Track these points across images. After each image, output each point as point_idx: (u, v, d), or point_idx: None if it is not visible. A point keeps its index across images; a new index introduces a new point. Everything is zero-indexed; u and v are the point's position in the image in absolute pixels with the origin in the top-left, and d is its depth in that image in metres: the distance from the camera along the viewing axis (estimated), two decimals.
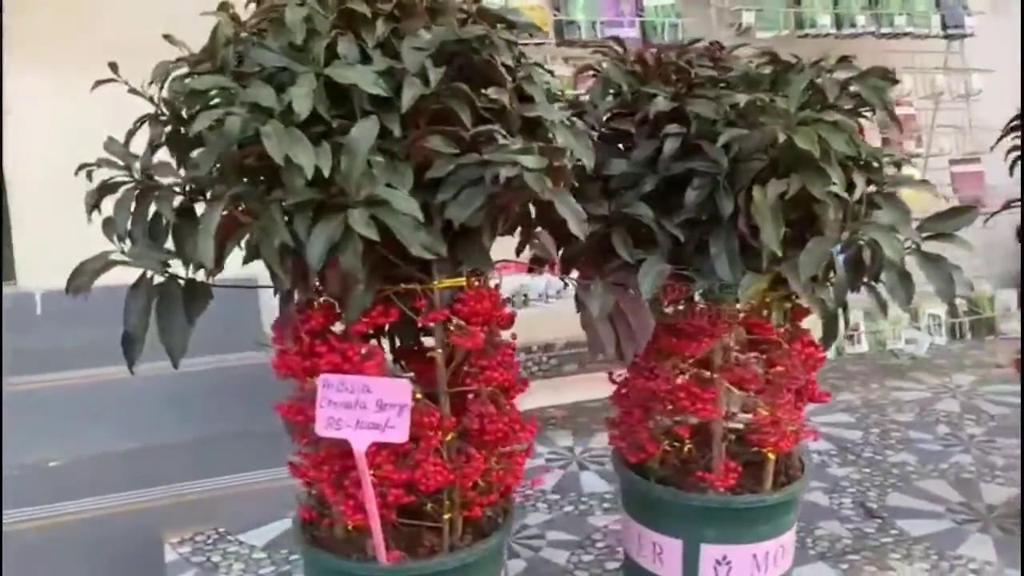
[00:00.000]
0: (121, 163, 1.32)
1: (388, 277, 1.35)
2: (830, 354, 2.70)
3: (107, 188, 1.30)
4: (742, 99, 1.44)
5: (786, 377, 1.59)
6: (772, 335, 1.58)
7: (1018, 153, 2.23)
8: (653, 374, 1.64)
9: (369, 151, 1.17)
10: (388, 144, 1.23)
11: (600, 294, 1.36)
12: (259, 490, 2.54)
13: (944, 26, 3.84)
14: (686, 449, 1.67)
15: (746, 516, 1.63)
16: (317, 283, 1.33)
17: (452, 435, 1.40)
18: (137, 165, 1.32)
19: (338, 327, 1.38)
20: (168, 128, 1.33)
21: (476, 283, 1.40)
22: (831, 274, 1.44)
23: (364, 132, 1.18)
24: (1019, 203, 2.13)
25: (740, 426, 1.68)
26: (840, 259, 1.43)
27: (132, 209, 1.31)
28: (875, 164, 1.45)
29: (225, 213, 1.23)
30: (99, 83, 1.33)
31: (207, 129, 1.18)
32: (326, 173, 1.15)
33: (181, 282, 1.34)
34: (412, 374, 1.48)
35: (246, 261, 1.32)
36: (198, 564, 2.27)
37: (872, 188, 1.47)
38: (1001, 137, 2.15)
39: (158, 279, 1.35)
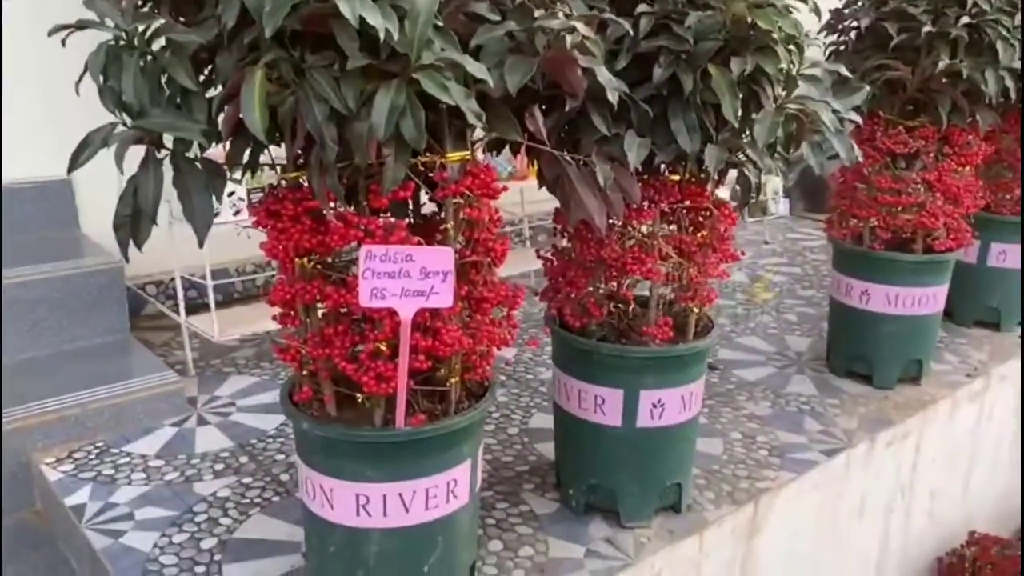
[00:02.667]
0: (110, 23, 1.21)
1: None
2: None
3: (114, 52, 1.19)
4: None
5: (717, 239, 1.81)
6: (707, 202, 1.78)
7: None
8: (599, 243, 1.79)
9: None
10: None
11: (603, 166, 1.47)
12: (127, 401, 2.40)
13: None
14: (630, 310, 1.85)
15: (678, 363, 1.86)
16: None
17: (462, 303, 1.47)
18: (133, 26, 1.22)
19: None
20: None
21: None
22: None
23: None
24: None
25: (666, 289, 1.89)
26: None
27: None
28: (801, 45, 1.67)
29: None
30: None
31: None
32: (395, 36, 1.15)
33: (191, 158, 1.27)
34: None
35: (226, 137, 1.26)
36: (89, 479, 2.14)
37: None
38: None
39: (157, 155, 1.27)
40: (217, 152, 1.70)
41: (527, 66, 1.26)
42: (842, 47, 2.72)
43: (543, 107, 1.56)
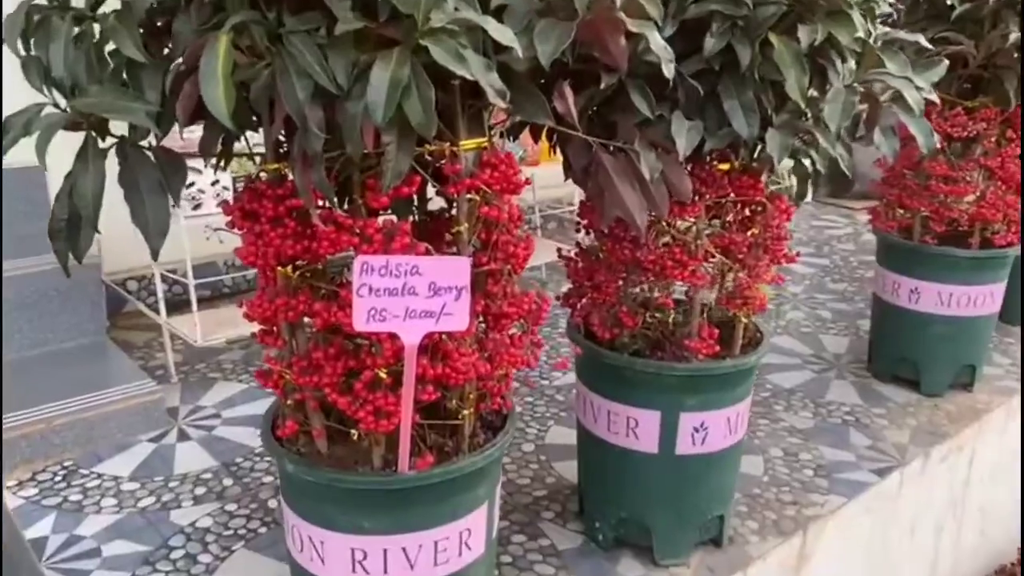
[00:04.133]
0: None
1: None
2: None
3: (39, 13, 0.93)
4: None
5: (771, 238, 1.56)
6: (760, 196, 1.53)
7: None
8: (634, 243, 1.54)
9: None
10: None
11: (648, 155, 1.22)
12: (100, 415, 2.16)
13: None
14: (671, 320, 1.60)
15: (724, 381, 1.62)
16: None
17: (478, 320, 1.22)
18: None
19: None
20: None
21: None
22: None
23: None
24: None
25: (709, 294, 1.64)
26: None
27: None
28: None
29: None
30: None
31: None
32: None
33: (144, 147, 1.01)
34: None
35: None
36: (54, 507, 1.90)
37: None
38: None
39: (100, 144, 1.02)
40: (185, 141, 1.45)
41: (563, 31, 1.01)
42: (890, 18, 2.45)
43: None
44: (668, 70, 1.10)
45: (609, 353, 1.60)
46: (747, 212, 1.59)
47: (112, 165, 1.01)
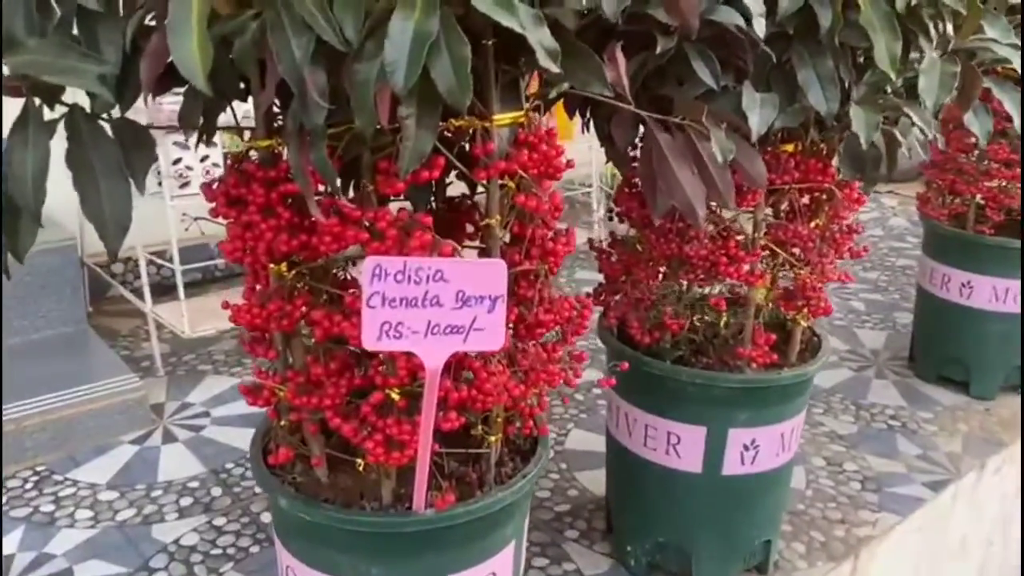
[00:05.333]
0: None
1: None
2: None
3: None
4: None
5: (839, 231, 1.36)
6: (830, 182, 1.32)
7: None
8: (681, 236, 1.34)
9: None
10: None
11: (719, 133, 1.01)
12: (77, 414, 1.96)
13: None
14: (723, 323, 1.40)
15: (780, 394, 1.42)
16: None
17: (510, 330, 1.02)
18: None
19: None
20: None
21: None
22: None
23: None
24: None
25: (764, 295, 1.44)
26: None
27: None
28: None
29: None
30: None
31: None
32: None
33: (103, 120, 0.81)
34: None
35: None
36: (23, 519, 1.71)
37: None
38: None
39: (50, 114, 0.81)
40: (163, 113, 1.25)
41: None
42: None
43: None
44: (760, 26, 0.90)
45: (650, 360, 1.40)
46: (806, 201, 1.38)
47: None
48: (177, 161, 2.11)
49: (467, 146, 1.00)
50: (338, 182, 0.89)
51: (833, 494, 1.86)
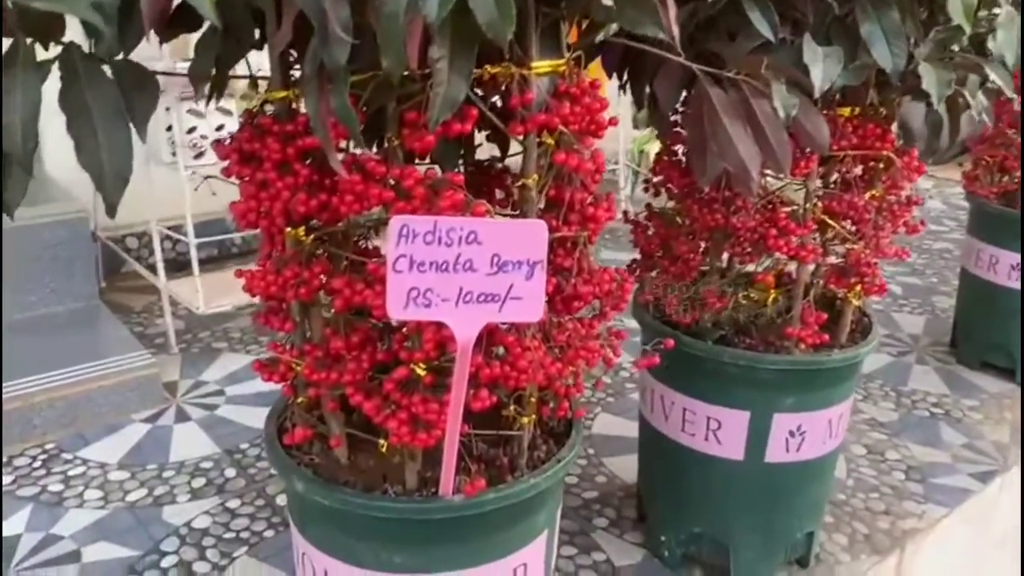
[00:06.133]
0: None
1: None
2: None
3: None
4: None
5: (897, 203, 1.26)
6: (891, 147, 1.22)
7: None
8: (726, 207, 1.24)
9: None
10: None
11: (780, 88, 0.92)
12: (87, 391, 1.90)
13: None
14: (770, 302, 1.31)
15: (830, 377, 1.33)
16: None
17: (546, 304, 0.93)
18: None
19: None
20: None
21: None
22: None
23: None
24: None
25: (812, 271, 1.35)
26: None
27: None
28: None
29: None
30: None
31: None
32: None
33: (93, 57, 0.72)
34: None
35: None
36: (31, 498, 1.64)
37: None
38: None
39: (43, 54, 0.73)
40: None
41: None
42: None
43: None
44: None
45: (690, 340, 1.31)
46: (869, 170, 1.29)
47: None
48: (192, 130, 2.04)
49: (498, 104, 0.92)
50: (361, 134, 0.81)
51: (875, 484, 1.77)
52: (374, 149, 0.91)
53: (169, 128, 2.06)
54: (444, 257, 0.75)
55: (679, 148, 1.33)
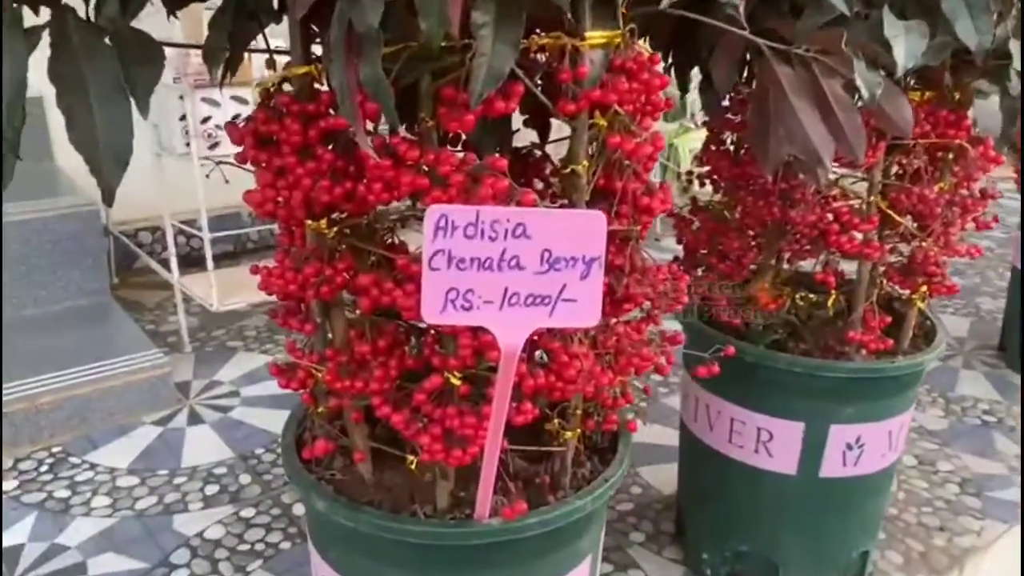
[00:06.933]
0: None
1: None
2: None
3: None
4: None
5: (972, 197, 1.16)
6: (967, 135, 1.12)
7: None
8: (782, 200, 1.14)
9: None
10: None
11: (860, 66, 0.81)
12: (96, 391, 1.82)
13: None
14: (830, 303, 1.20)
15: (894, 385, 1.23)
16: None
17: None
18: None
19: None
20: None
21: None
22: None
23: None
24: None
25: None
26: None
27: None
28: None
29: None
30: None
31: None
32: None
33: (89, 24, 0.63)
34: None
35: None
36: (36, 505, 1.56)
37: None
38: None
39: (34, 18, 0.64)
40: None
41: None
42: None
43: None
44: None
45: (741, 344, 1.21)
46: (939, 161, 1.18)
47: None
48: (206, 120, 1.95)
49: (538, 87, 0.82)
50: (394, 110, 0.71)
51: (928, 497, 1.66)
52: (407, 130, 0.81)
53: (183, 118, 1.97)
54: (487, 253, 0.66)
55: (727, 137, 1.24)
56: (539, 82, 0.84)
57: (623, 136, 0.78)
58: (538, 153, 0.96)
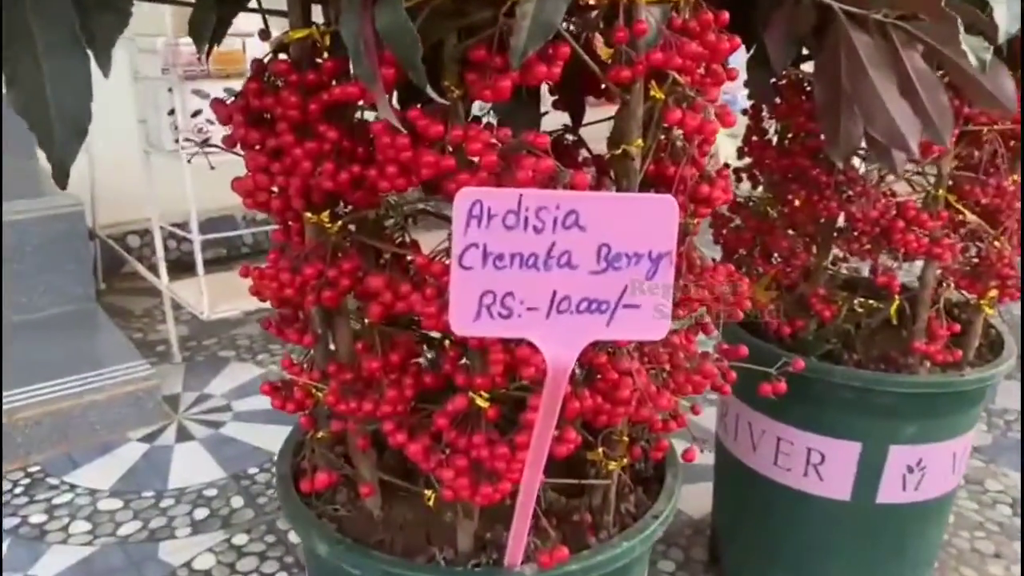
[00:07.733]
0: None
1: None
2: None
3: None
4: None
5: None
6: None
7: None
8: (839, 194, 1.02)
9: None
10: None
11: (966, 35, 0.69)
12: (78, 405, 1.68)
13: None
14: (893, 310, 1.08)
15: (960, 401, 1.10)
16: None
17: None
18: None
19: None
20: None
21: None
22: None
23: None
24: None
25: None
26: None
27: None
28: None
29: None
30: None
31: None
32: None
33: None
34: None
35: None
36: (9, 531, 1.43)
37: None
38: None
39: None
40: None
41: None
42: None
43: None
44: None
45: (790, 356, 1.08)
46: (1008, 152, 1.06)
47: None
48: (196, 114, 1.82)
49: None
50: (424, 74, 0.58)
51: (979, 520, 1.53)
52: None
53: (171, 112, 1.84)
54: (532, 248, 0.53)
55: (771, 126, 1.11)
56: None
57: (685, 112, 0.66)
58: (570, 138, 0.84)
